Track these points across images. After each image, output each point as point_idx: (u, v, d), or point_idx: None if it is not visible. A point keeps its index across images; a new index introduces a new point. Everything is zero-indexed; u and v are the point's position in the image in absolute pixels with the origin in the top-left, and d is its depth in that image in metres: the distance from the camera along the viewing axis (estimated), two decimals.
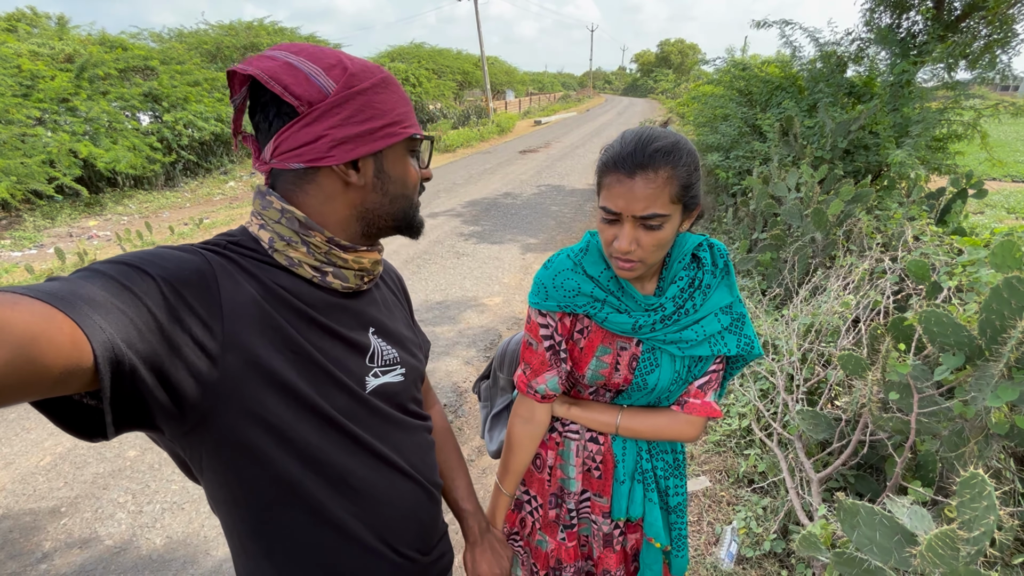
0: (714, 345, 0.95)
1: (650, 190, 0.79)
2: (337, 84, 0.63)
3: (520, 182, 9.46)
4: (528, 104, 31.87)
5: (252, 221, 0.69)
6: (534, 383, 1.02)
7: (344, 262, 0.70)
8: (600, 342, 0.98)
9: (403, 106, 0.70)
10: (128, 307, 0.50)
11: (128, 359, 0.48)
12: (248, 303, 0.61)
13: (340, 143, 0.65)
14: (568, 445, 1.09)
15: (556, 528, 1.14)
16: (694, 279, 0.94)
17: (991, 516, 0.95)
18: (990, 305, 1.39)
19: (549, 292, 0.96)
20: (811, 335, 2.54)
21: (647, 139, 0.80)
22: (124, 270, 0.53)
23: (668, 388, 0.99)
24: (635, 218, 0.81)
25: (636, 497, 1.08)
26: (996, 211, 7.31)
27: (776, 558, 1.91)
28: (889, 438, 1.82)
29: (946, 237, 2.76)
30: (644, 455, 1.07)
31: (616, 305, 0.94)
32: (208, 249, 0.63)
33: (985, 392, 1.43)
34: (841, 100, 5.25)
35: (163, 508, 2.15)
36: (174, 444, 0.63)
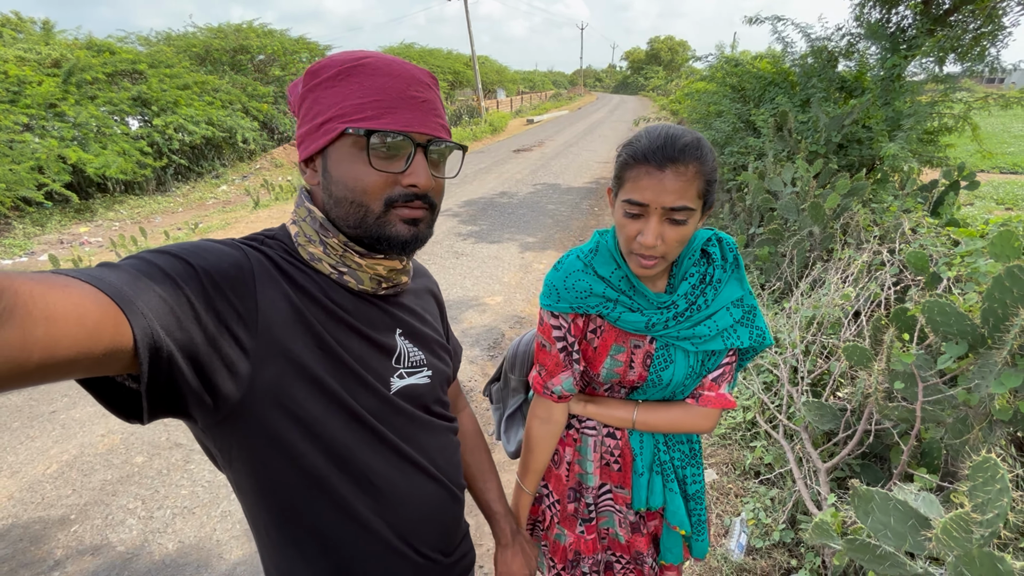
0: (727, 339, 0.96)
1: (680, 183, 0.80)
2: (303, 84, 0.66)
3: (515, 181, 9.47)
4: (520, 103, 31.88)
5: (291, 218, 0.72)
6: (550, 384, 1.02)
7: (358, 267, 0.70)
8: (614, 341, 0.99)
9: (357, 98, 0.62)
10: (169, 296, 0.52)
11: (166, 346, 0.50)
12: (281, 298, 0.63)
13: (300, 142, 0.67)
14: (585, 441, 1.10)
15: (575, 522, 1.16)
16: (705, 275, 0.95)
17: (1004, 498, 0.98)
18: (992, 294, 1.42)
19: (561, 294, 0.96)
20: (813, 327, 2.57)
21: (675, 135, 0.81)
22: (169, 260, 0.55)
23: (683, 383, 1.00)
24: (663, 211, 0.82)
25: (656, 488, 1.10)
26: (986, 202, 7.41)
27: (785, 548, 1.94)
28: (894, 427, 1.85)
29: (942, 229, 2.80)
30: (661, 447, 1.09)
31: (628, 304, 0.94)
32: (248, 244, 0.65)
33: (988, 379, 1.47)
34: (833, 95, 5.31)
35: (174, 513, 2.15)
36: (205, 434, 0.64)
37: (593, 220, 6.84)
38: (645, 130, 0.86)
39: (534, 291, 4.57)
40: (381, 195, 0.65)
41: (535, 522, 1.23)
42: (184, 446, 2.56)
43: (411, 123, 0.65)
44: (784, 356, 2.55)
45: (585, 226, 6.57)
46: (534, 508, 1.22)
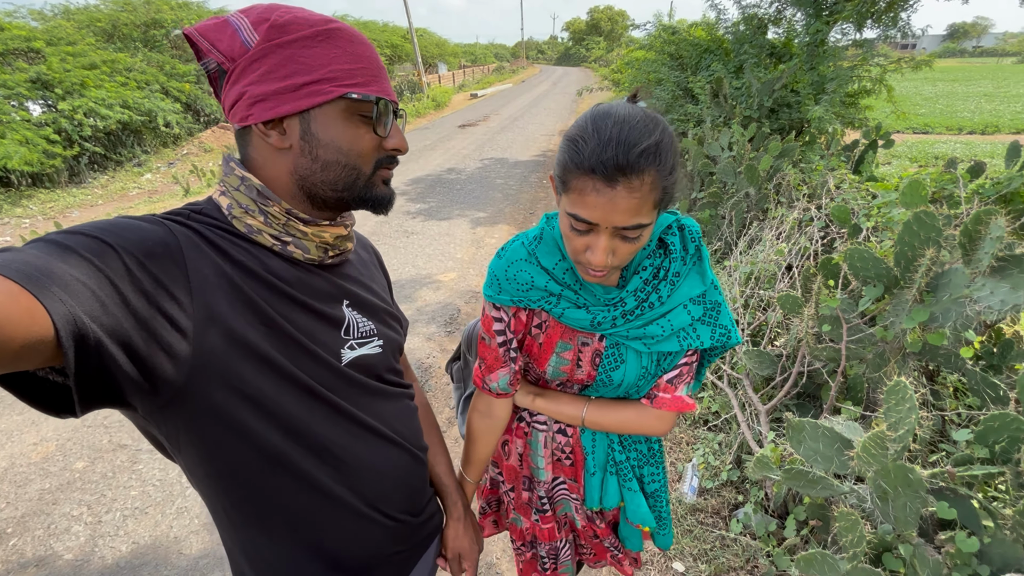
0: (683, 339, 0.86)
1: (634, 200, 0.67)
2: (259, 37, 0.60)
3: (462, 157, 9.34)
4: (462, 77, 31.15)
5: (216, 188, 0.67)
6: (488, 380, 0.95)
7: (303, 235, 0.68)
8: (560, 338, 0.91)
9: (347, 63, 0.63)
10: (90, 279, 0.48)
11: (93, 332, 0.46)
12: (216, 275, 0.59)
13: (259, 100, 0.61)
14: (536, 436, 1.05)
15: (529, 510, 1.13)
16: (659, 269, 0.84)
17: (913, 416, 1.10)
18: (903, 238, 1.55)
19: (502, 285, 0.87)
20: (751, 283, 2.73)
21: (630, 139, 0.65)
22: (82, 241, 0.50)
23: (636, 384, 0.93)
24: (614, 229, 0.70)
25: (610, 489, 1.05)
26: (901, 161, 8.01)
27: (732, 486, 2.09)
28: (824, 366, 2.02)
29: (862, 184, 3.02)
30: (616, 447, 1.02)
31: (573, 300, 0.85)
32: (171, 219, 0.61)
33: (901, 316, 1.62)
34: (764, 61, 5.52)
35: (124, 515, 2.06)
36: (148, 421, 0.61)
37: (543, 192, 6.88)
38: (592, 123, 0.68)
39: (486, 265, 4.58)
40: (372, 158, 0.69)
41: (493, 502, 1.22)
42: (129, 447, 2.43)
43: (388, 91, 0.68)
44: None
45: (535, 199, 6.60)
46: (493, 490, 1.20)
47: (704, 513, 2.01)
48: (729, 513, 2.01)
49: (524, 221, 5.78)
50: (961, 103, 15.51)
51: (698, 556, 1.85)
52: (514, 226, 5.63)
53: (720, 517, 1.99)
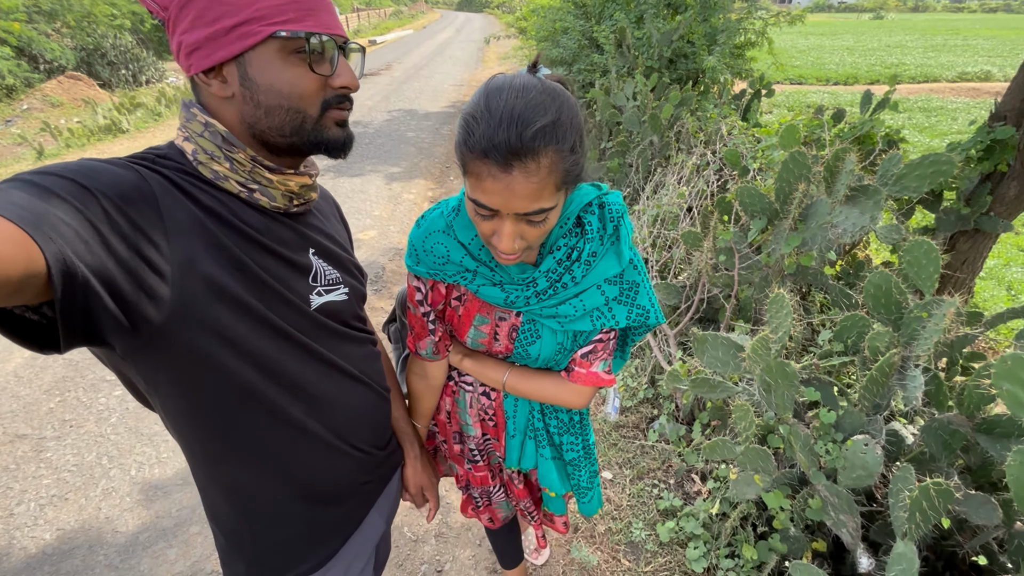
0: (597, 319, 0.86)
1: (532, 185, 0.63)
2: None
3: (368, 108, 8.84)
4: (357, 22, 28.78)
5: (178, 135, 0.66)
6: (418, 346, 0.98)
7: (269, 182, 0.69)
8: (478, 311, 0.91)
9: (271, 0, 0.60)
10: (71, 219, 0.48)
11: (80, 271, 0.47)
12: (191, 221, 0.60)
13: (194, 49, 0.60)
14: (463, 395, 1.07)
15: (462, 460, 1.18)
16: (573, 250, 0.81)
17: (789, 319, 1.35)
18: (782, 175, 1.81)
19: (420, 256, 0.86)
20: (657, 224, 2.99)
21: (523, 116, 0.61)
22: (59, 182, 0.50)
23: (553, 358, 0.94)
24: (519, 216, 0.68)
25: (528, 451, 1.09)
26: (780, 109, 8.82)
27: (648, 402, 2.38)
28: (720, 292, 2.32)
29: (749, 130, 3.35)
30: (536, 415, 1.05)
31: (489, 276, 0.84)
32: (140, 164, 0.60)
33: (780, 243, 1.90)
34: (662, 12, 5.74)
35: (40, 504, 1.91)
36: (125, 361, 0.62)
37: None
38: (485, 100, 0.64)
39: (406, 221, 4.52)
40: (318, 99, 0.65)
41: (433, 450, 1.26)
42: (29, 436, 2.22)
43: (331, 25, 0.64)
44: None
45: (449, 152, 6.49)
46: (429, 441, 1.23)
47: (626, 428, 2.28)
48: (647, 426, 2.30)
49: (440, 175, 5.71)
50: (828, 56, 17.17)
51: (623, 464, 2.11)
52: (431, 180, 5.55)
53: (639, 430, 2.28)
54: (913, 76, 13.06)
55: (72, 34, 10.53)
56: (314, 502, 0.81)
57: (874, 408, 1.39)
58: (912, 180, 1.62)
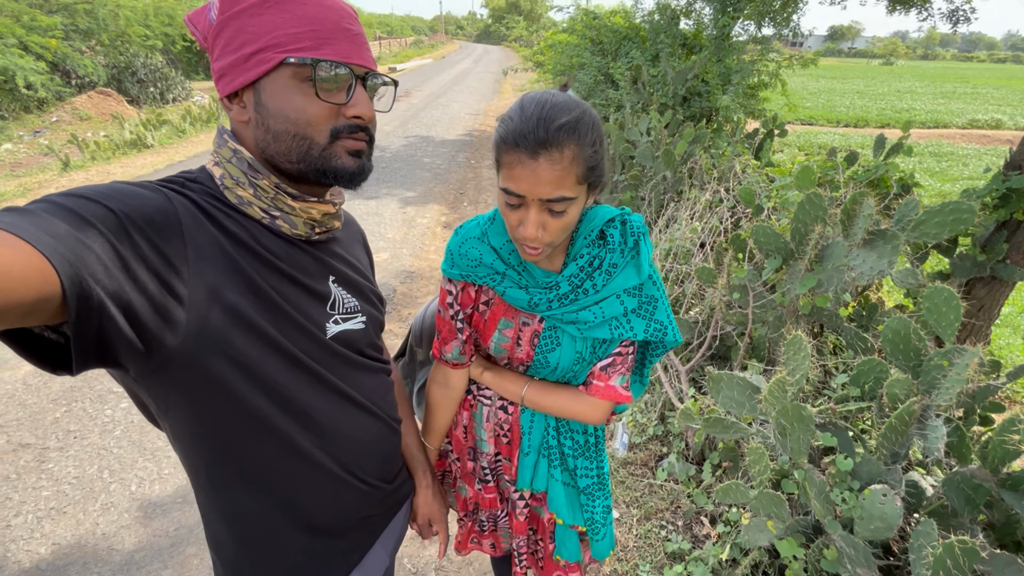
0: (615, 328, 0.90)
1: (556, 172, 0.72)
2: (218, 11, 0.61)
3: (386, 133, 9.04)
4: (378, 49, 29.74)
5: (210, 159, 0.68)
6: (444, 350, 1.01)
7: (292, 210, 0.69)
8: (503, 315, 0.96)
9: (293, 27, 0.61)
10: (93, 242, 0.49)
11: (96, 294, 0.48)
12: (212, 245, 0.61)
13: (222, 75, 0.62)
14: (480, 409, 1.08)
15: (473, 479, 1.17)
16: (595, 259, 0.88)
17: (806, 363, 1.33)
18: (798, 216, 1.81)
19: (455, 260, 0.93)
20: (670, 258, 2.99)
21: (550, 114, 0.72)
22: (86, 205, 0.51)
23: (571, 368, 0.96)
24: (541, 202, 0.75)
25: (541, 471, 1.07)
26: (791, 149, 8.92)
27: (658, 439, 2.34)
28: (733, 330, 2.30)
29: (762, 169, 3.39)
30: (551, 432, 1.05)
31: (516, 280, 0.91)
32: (168, 187, 0.62)
33: (795, 283, 1.90)
34: (677, 51, 5.89)
35: (38, 517, 1.89)
36: (138, 383, 0.62)
37: (471, 173, 6.89)
38: (520, 104, 0.76)
39: (420, 245, 4.56)
40: (326, 126, 0.65)
41: (443, 473, 1.25)
42: (33, 445, 2.21)
43: (350, 55, 0.65)
44: None
45: (464, 179, 6.60)
46: (441, 462, 1.23)
47: (634, 465, 2.23)
48: (655, 463, 2.25)
49: (454, 200, 5.78)
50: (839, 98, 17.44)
51: (630, 503, 2.06)
52: (445, 205, 5.62)
53: (648, 468, 2.23)
54: (923, 121, 13.23)
55: (105, 52, 10.95)
56: (317, 533, 0.79)
57: (892, 457, 1.35)
58: (931, 227, 1.62)
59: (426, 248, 4.51)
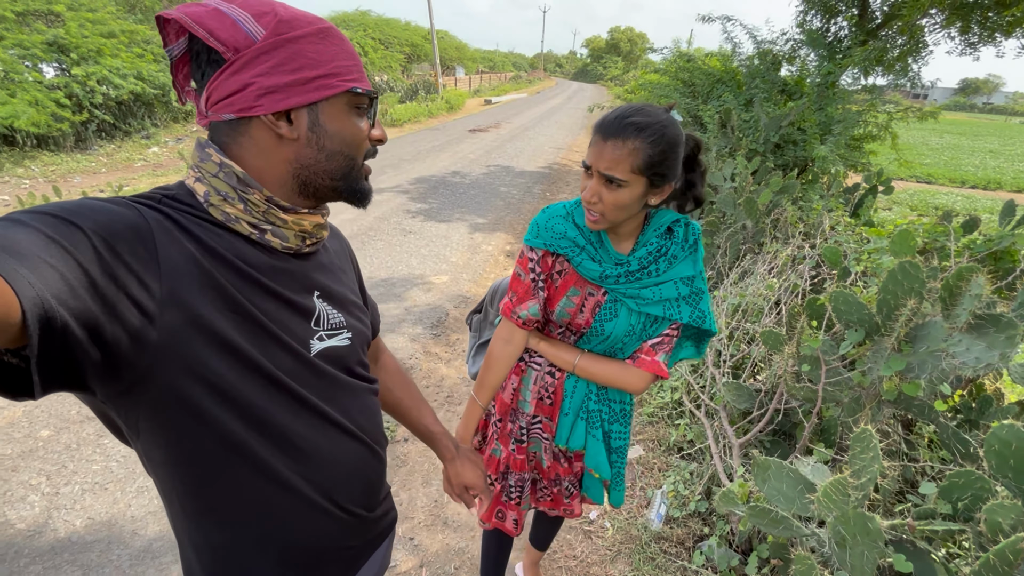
0: (667, 308, 1.08)
1: (616, 155, 0.93)
2: (266, 31, 0.62)
3: (469, 161, 9.37)
4: (478, 82, 31.36)
5: (190, 174, 0.66)
6: (518, 309, 1.16)
7: (283, 223, 0.68)
8: (573, 284, 1.13)
9: (345, 59, 0.68)
10: (57, 261, 0.47)
11: (60, 316, 0.45)
12: (187, 261, 0.59)
13: (268, 92, 0.63)
14: (529, 373, 1.25)
15: (509, 440, 1.32)
16: (662, 247, 1.07)
17: (875, 465, 1.10)
18: (887, 287, 1.56)
19: (540, 232, 1.11)
20: (738, 314, 2.73)
21: (627, 114, 0.94)
22: (50, 221, 0.49)
23: (622, 339, 1.12)
24: (600, 174, 0.96)
25: (578, 432, 1.23)
26: (901, 208, 8.08)
27: (700, 517, 2.08)
28: (800, 406, 2.02)
29: (857, 228, 3.04)
30: (592, 397, 1.21)
31: (592, 254, 1.08)
32: (141, 203, 0.60)
33: (879, 363, 1.62)
34: (774, 97, 5.58)
35: (83, 489, 2.02)
36: (107, 405, 0.60)
37: (544, 205, 6.89)
38: (618, 107, 0.98)
39: (481, 272, 4.58)
40: (363, 149, 0.73)
41: (483, 436, 1.40)
42: (97, 420, 2.40)
43: (370, 85, 0.72)
44: (710, 340, 2.71)
45: (536, 210, 6.60)
46: (483, 423, 1.39)
47: (668, 542, 1.99)
48: (693, 544, 1.99)
49: (523, 231, 5.79)
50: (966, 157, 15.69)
51: None
52: (512, 235, 5.64)
53: (684, 547, 1.98)
54: None
55: None
56: (290, 567, 0.75)
57: None
58: None
59: (486, 275, 4.51)
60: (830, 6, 5.71)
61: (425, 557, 1.90)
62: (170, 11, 0.60)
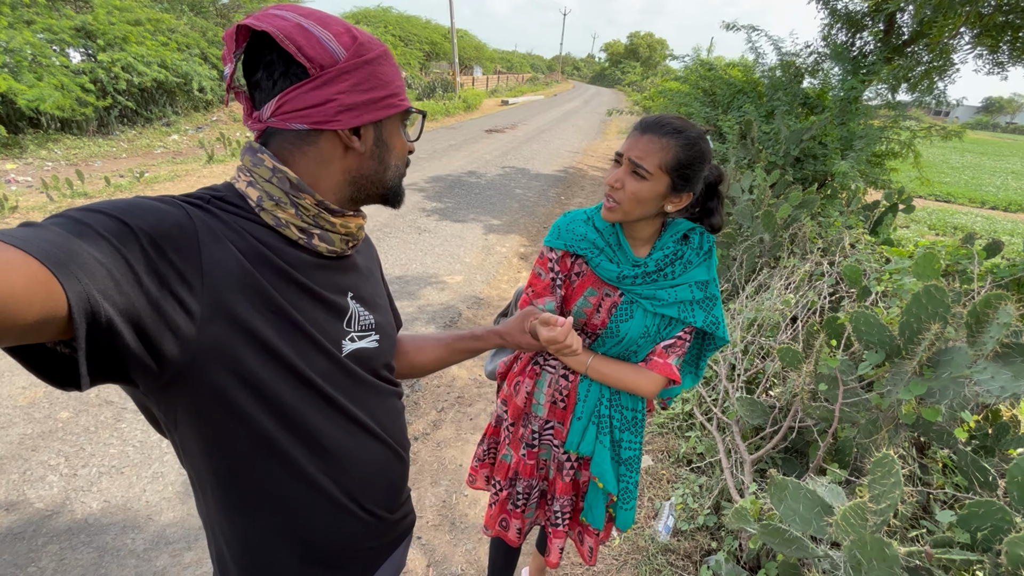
0: (682, 311, 1.12)
1: (649, 147, 1.01)
2: (347, 51, 0.65)
3: (485, 161, 9.39)
4: (496, 83, 31.40)
5: (239, 177, 0.68)
6: (536, 302, 1.20)
7: (332, 226, 0.71)
8: (590, 285, 1.16)
9: (399, 79, 0.73)
10: (106, 258, 0.49)
11: (104, 311, 0.47)
12: (229, 261, 0.61)
13: (348, 109, 0.67)
14: (544, 376, 1.27)
15: (520, 445, 1.32)
16: (678, 252, 1.13)
17: (896, 491, 1.09)
18: (910, 309, 1.55)
19: (561, 233, 1.16)
20: (753, 329, 2.72)
21: (667, 117, 1.03)
22: (102, 220, 0.51)
23: (637, 340, 1.14)
24: (629, 162, 1.02)
25: (589, 436, 1.24)
26: (920, 226, 7.98)
27: (708, 531, 2.07)
28: (815, 425, 2.00)
29: (877, 246, 3.01)
30: (604, 402, 1.23)
31: (610, 256, 1.13)
32: (190, 203, 0.62)
33: (899, 387, 1.61)
34: (796, 109, 5.54)
35: (100, 472, 2.06)
36: (148, 398, 0.62)
37: (559, 208, 6.90)
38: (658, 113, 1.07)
39: (494, 273, 4.59)
40: (405, 159, 0.80)
41: (494, 442, 1.43)
42: (115, 403, 2.44)
43: None
44: (724, 354, 2.69)
45: (551, 214, 6.61)
46: (496, 430, 1.42)
47: (676, 555, 1.99)
48: (701, 559, 1.98)
49: (537, 234, 5.80)
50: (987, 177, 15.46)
51: None
52: (526, 237, 5.65)
53: (691, 561, 1.97)
54: None
55: None
56: (313, 563, 0.77)
57: None
58: None
59: (499, 277, 4.52)
60: (856, 20, 5.65)
61: (433, 557, 1.92)
62: (257, 22, 0.62)
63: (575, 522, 1.38)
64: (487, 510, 1.42)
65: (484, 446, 1.45)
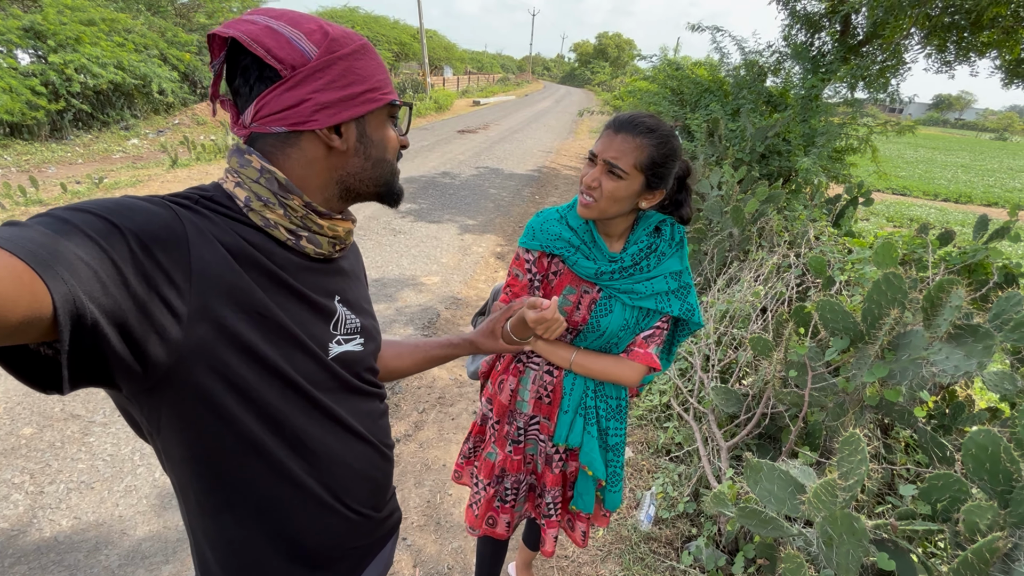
0: (659, 302, 1.15)
1: (623, 147, 1.03)
2: (319, 48, 0.64)
3: (458, 162, 9.37)
4: (467, 83, 31.33)
5: (227, 178, 0.67)
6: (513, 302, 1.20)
7: (319, 228, 0.71)
8: (569, 283, 1.18)
9: (381, 73, 0.71)
10: (92, 258, 0.48)
11: (90, 313, 0.46)
12: (217, 263, 0.60)
13: (323, 107, 0.65)
14: (528, 373, 1.29)
15: (506, 442, 1.34)
16: (651, 245, 1.16)
17: (863, 468, 1.15)
18: (871, 296, 1.62)
19: (536, 234, 1.17)
20: (726, 320, 2.80)
21: (640, 116, 1.05)
22: (89, 219, 0.50)
23: (617, 334, 1.18)
24: (604, 162, 1.04)
25: (576, 428, 1.26)
26: (879, 218, 8.33)
27: (688, 518, 2.13)
28: (786, 410, 2.08)
29: (840, 238, 3.14)
30: (590, 394, 1.25)
31: (586, 253, 1.15)
32: (178, 203, 0.61)
33: (863, 370, 1.69)
34: (760, 107, 5.71)
35: (68, 488, 1.98)
36: (130, 402, 0.61)
37: (534, 207, 6.94)
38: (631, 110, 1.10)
39: (472, 273, 4.59)
40: (396, 154, 0.78)
41: (480, 440, 1.44)
42: (82, 417, 2.35)
43: (398, 96, 0.77)
44: (698, 345, 2.77)
45: (525, 213, 6.65)
46: (481, 428, 1.43)
47: (657, 543, 2.03)
48: (682, 545, 2.04)
49: (513, 233, 5.82)
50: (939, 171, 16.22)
51: None
52: (502, 237, 5.66)
53: (673, 548, 2.02)
54: None
55: None
56: (300, 564, 0.77)
57: None
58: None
59: (476, 277, 4.53)
60: (814, 21, 5.87)
61: (419, 557, 1.91)
62: (225, 29, 0.61)
63: (564, 510, 1.41)
64: (467, 511, 1.44)
65: (470, 444, 1.46)
